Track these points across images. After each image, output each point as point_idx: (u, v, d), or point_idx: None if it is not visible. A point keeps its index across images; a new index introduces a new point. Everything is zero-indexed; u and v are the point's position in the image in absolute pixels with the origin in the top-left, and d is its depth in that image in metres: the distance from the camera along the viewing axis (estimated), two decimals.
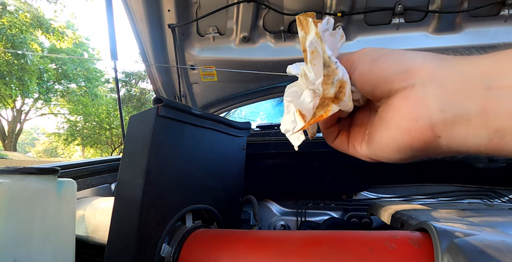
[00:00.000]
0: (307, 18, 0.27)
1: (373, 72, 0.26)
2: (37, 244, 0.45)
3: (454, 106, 0.22)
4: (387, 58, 0.26)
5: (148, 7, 1.14)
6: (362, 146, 0.32)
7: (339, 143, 0.35)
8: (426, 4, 1.04)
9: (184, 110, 0.61)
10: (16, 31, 10.82)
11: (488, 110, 0.20)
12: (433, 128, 0.23)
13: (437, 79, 0.23)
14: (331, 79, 0.27)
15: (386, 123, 0.26)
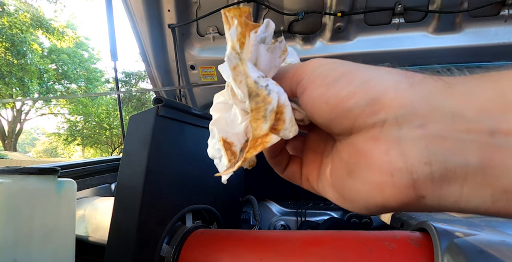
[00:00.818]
0: (233, 17, 0.21)
1: (328, 102, 0.19)
2: (37, 244, 0.45)
3: (443, 157, 0.16)
4: (348, 80, 0.19)
5: (148, 7, 1.14)
6: (318, 184, 0.25)
7: (290, 173, 0.27)
8: (426, 4, 1.04)
9: (184, 110, 0.61)
10: (16, 32, 10.82)
11: (493, 164, 0.15)
12: (415, 186, 0.17)
13: (416, 115, 0.16)
14: (261, 113, 0.20)
15: (349, 171, 0.20)
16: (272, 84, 0.21)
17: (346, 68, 0.20)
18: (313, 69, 0.21)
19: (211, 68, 1.30)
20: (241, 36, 0.21)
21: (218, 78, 1.33)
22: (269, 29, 0.22)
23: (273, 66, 0.23)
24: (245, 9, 0.22)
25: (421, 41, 1.11)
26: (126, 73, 15.00)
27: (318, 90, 0.20)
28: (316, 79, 0.20)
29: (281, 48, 0.23)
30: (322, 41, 1.18)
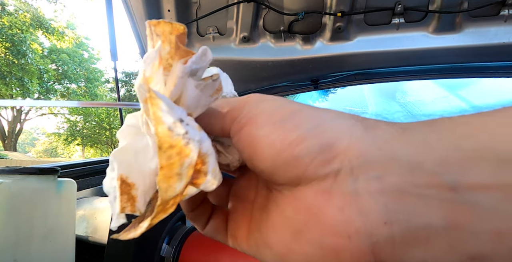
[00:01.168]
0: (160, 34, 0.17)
1: (275, 145, 0.16)
2: (37, 244, 0.45)
3: (404, 216, 0.13)
4: (298, 122, 0.16)
5: (148, 7, 1.14)
6: (249, 242, 0.20)
7: (213, 229, 0.23)
8: (426, 4, 1.04)
9: None
10: (16, 32, 10.82)
11: (458, 225, 0.13)
12: (375, 251, 0.14)
13: (372, 165, 0.14)
14: (176, 170, 0.15)
15: (296, 232, 0.16)
16: (194, 129, 0.16)
17: (295, 107, 0.17)
18: (255, 104, 0.18)
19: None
20: (165, 62, 0.17)
21: None
22: (204, 60, 0.18)
23: (201, 105, 0.19)
24: (178, 27, 0.18)
25: (421, 41, 1.11)
26: (126, 73, 15.01)
27: (262, 130, 0.17)
28: (259, 116, 0.17)
29: (215, 87, 0.19)
30: (322, 41, 1.18)
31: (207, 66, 0.19)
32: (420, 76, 1.32)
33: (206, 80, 0.19)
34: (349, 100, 2.68)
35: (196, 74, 0.18)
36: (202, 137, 0.17)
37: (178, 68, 0.17)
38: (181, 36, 0.18)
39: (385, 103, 2.64)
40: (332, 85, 1.42)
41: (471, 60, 1.13)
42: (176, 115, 0.16)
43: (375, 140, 0.15)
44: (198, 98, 0.19)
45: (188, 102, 0.18)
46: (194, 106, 0.19)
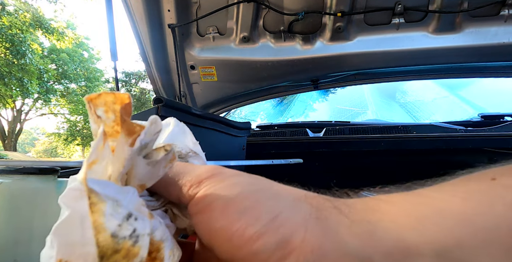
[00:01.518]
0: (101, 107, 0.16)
1: (232, 240, 0.16)
2: (37, 244, 0.45)
3: None
4: (254, 215, 0.16)
5: (148, 7, 1.14)
6: None
7: None
8: (426, 4, 1.04)
9: (184, 110, 0.61)
10: (16, 32, 10.82)
11: None
12: None
13: (327, 260, 0.15)
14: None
15: None
16: (144, 219, 0.16)
17: (252, 196, 0.17)
18: (213, 185, 0.18)
19: (211, 68, 1.30)
20: (111, 130, 0.17)
21: (218, 78, 1.33)
22: (154, 132, 0.17)
23: (154, 177, 0.19)
24: (122, 97, 0.16)
25: (421, 41, 1.11)
26: (126, 73, 15.00)
27: (219, 221, 0.17)
28: (216, 204, 0.17)
29: (168, 159, 0.19)
30: (322, 41, 1.18)
31: (157, 137, 0.18)
32: (420, 76, 1.32)
33: (158, 152, 0.18)
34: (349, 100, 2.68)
35: (146, 147, 0.18)
36: (154, 225, 0.16)
37: (125, 150, 0.16)
38: (126, 107, 0.17)
39: (385, 103, 2.63)
40: (332, 85, 1.42)
41: (471, 60, 1.13)
42: (122, 214, 0.15)
43: (328, 233, 0.16)
44: (151, 173, 0.18)
45: (140, 177, 0.18)
46: (146, 179, 0.18)
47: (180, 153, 0.25)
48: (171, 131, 0.28)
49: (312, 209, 0.17)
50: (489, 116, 1.22)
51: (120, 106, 0.17)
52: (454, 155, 1.01)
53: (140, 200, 0.17)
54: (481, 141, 0.97)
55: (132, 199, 0.16)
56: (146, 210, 0.17)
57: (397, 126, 1.11)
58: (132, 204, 0.16)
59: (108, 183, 0.15)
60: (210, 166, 0.20)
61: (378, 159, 1.06)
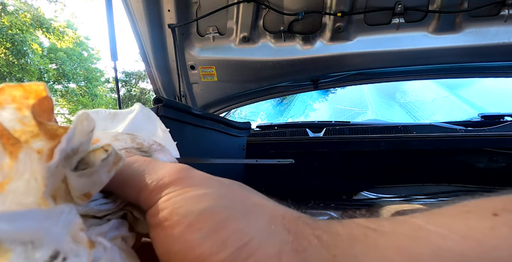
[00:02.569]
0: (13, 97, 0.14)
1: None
2: None
3: None
4: (220, 239, 0.14)
5: (148, 7, 1.14)
6: None
7: None
8: (426, 4, 1.04)
9: (184, 110, 0.61)
10: (16, 32, 10.83)
11: None
12: None
13: None
14: None
15: None
16: (77, 256, 0.13)
17: (220, 215, 0.15)
18: (177, 193, 0.15)
19: (211, 68, 1.29)
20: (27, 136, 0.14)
21: (218, 78, 1.33)
22: (83, 132, 0.14)
23: (98, 184, 0.15)
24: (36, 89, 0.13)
25: (421, 41, 1.10)
26: (126, 73, 15.00)
27: (176, 244, 0.14)
28: (176, 220, 0.14)
29: (110, 163, 0.15)
30: (322, 41, 1.18)
31: (90, 137, 0.14)
32: (420, 76, 1.32)
33: (96, 155, 0.14)
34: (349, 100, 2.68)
35: (77, 152, 0.14)
36: (95, 257, 0.13)
37: (41, 168, 0.13)
38: (43, 102, 0.13)
39: (385, 103, 2.64)
40: (332, 85, 1.42)
41: (471, 60, 1.13)
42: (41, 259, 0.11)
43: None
44: (90, 182, 0.15)
45: (79, 187, 0.14)
46: (87, 189, 0.15)
47: (141, 146, 0.21)
48: (134, 117, 0.23)
49: (289, 237, 0.15)
50: (489, 116, 1.22)
51: (34, 103, 0.13)
52: (454, 155, 1.01)
53: (77, 223, 0.13)
54: (481, 141, 0.97)
55: (65, 223, 0.13)
56: (84, 237, 0.13)
57: (397, 126, 1.11)
58: (63, 233, 0.12)
59: (24, 213, 0.12)
60: (176, 166, 0.17)
61: (378, 159, 1.06)
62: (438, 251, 0.13)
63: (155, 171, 0.17)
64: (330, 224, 0.16)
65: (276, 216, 0.16)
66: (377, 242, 0.14)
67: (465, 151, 0.99)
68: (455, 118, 1.68)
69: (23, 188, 0.13)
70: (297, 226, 0.15)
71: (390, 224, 0.15)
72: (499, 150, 0.95)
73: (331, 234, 0.15)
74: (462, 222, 0.14)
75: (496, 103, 2.12)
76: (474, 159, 0.99)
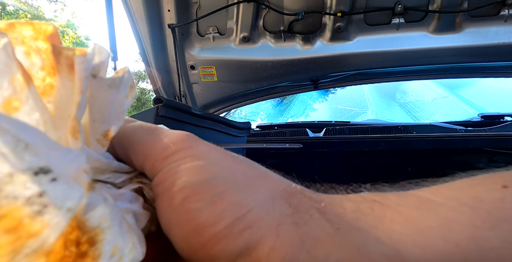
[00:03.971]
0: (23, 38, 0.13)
1: (189, 241, 0.14)
2: None
3: None
4: (218, 210, 0.14)
5: (148, 7, 1.14)
6: None
7: None
8: (426, 4, 1.04)
9: (184, 110, 0.61)
10: None
11: None
12: None
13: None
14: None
15: None
16: (68, 185, 0.10)
17: (221, 187, 0.14)
18: (178, 163, 0.15)
19: (211, 68, 1.29)
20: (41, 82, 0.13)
21: (218, 78, 1.33)
22: (102, 54, 0.14)
23: (118, 112, 0.14)
24: (45, 28, 0.13)
25: (421, 41, 1.11)
26: None
27: (175, 215, 0.14)
28: (176, 190, 0.14)
29: (128, 84, 0.14)
30: (322, 41, 1.18)
31: (107, 64, 0.14)
32: (420, 76, 1.32)
33: (114, 78, 0.14)
34: (349, 100, 2.68)
35: (99, 73, 0.14)
36: (90, 201, 0.11)
37: (78, 67, 0.12)
38: (53, 37, 0.13)
39: (385, 103, 2.63)
40: (332, 85, 1.42)
41: (471, 60, 1.13)
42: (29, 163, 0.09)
43: (305, 241, 0.13)
44: (114, 104, 0.14)
45: (102, 116, 0.14)
46: (111, 118, 0.14)
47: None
48: None
49: (290, 210, 0.14)
50: (489, 116, 1.22)
51: (45, 39, 0.12)
52: (454, 155, 1.01)
53: (83, 166, 0.11)
54: (481, 141, 0.97)
55: (69, 162, 0.11)
56: (85, 178, 0.11)
57: (397, 126, 1.11)
58: (63, 167, 0.10)
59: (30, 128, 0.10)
60: (181, 134, 0.16)
61: (378, 159, 1.06)
62: (447, 222, 0.13)
63: (160, 139, 0.16)
64: (334, 197, 0.15)
65: (277, 189, 0.15)
66: (384, 215, 0.14)
67: (465, 151, 0.99)
68: (455, 118, 1.68)
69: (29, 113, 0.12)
70: (299, 199, 0.15)
71: (397, 197, 0.15)
72: (499, 150, 0.95)
73: (334, 207, 0.14)
74: (471, 194, 0.14)
75: (496, 103, 2.12)
76: (474, 159, 0.99)
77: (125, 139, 0.16)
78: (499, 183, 0.14)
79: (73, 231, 0.11)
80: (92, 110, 0.13)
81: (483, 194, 0.14)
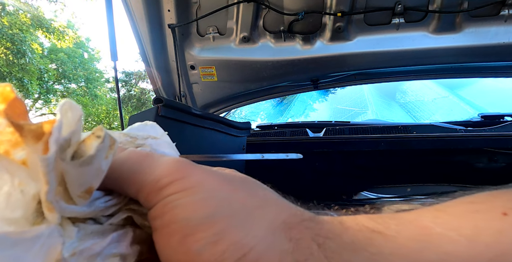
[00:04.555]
0: None
1: None
2: None
3: None
4: (218, 250, 0.14)
5: (148, 7, 1.14)
6: None
7: None
8: (426, 4, 1.04)
9: (184, 110, 0.61)
10: (16, 32, 10.83)
11: None
12: None
13: None
14: None
15: None
16: None
17: (221, 224, 0.14)
18: (175, 197, 0.15)
19: (211, 68, 1.29)
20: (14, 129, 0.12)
21: (218, 78, 1.33)
22: (71, 122, 0.13)
23: (98, 174, 0.14)
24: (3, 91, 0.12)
25: (421, 41, 1.10)
26: (126, 73, 15.00)
27: (175, 254, 0.14)
28: (175, 227, 0.14)
29: (105, 147, 0.14)
30: (322, 41, 1.18)
31: (80, 126, 0.14)
32: (420, 76, 1.32)
33: (90, 143, 0.13)
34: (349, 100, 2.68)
35: (70, 144, 0.13)
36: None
37: (39, 161, 0.12)
38: (14, 105, 0.12)
39: (385, 103, 2.64)
40: (332, 85, 1.42)
41: (471, 60, 1.13)
42: None
43: None
44: (91, 172, 0.14)
45: (80, 182, 0.14)
46: (89, 181, 0.14)
47: (134, 139, 0.19)
48: (130, 127, 0.22)
49: (290, 246, 0.14)
50: (489, 116, 1.22)
51: (5, 107, 0.12)
52: (454, 155, 1.01)
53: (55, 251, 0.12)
54: (481, 141, 0.97)
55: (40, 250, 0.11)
56: None
57: (397, 126, 1.11)
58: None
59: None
60: (174, 163, 0.16)
61: (378, 159, 1.06)
62: (446, 257, 0.13)
63: (153, 169, 0.16)
64: (333, 227, 0.15)
65: (277, 220, 0.15)
66: (383, 247, 0.13)
67: (465, 151, 0.99)
68: (455, 118, 1.68)
69: (2, 203, 0.12)
70: (299, 232, 0.15)
71: (396, 226, 0.14)
72: (499, 150, 0.95)
73: (334, 241, 0.14)
74: (470, 223, 0.14)
75: (496, 103, 2.12)
76: (474, 159, 0.99)
77: (114, 172, 0.16)
78: (499, 209, 0.14)
79: None
80: (68, 180, 0.13)
81: (482, 223, 0.14)
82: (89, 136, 0.14)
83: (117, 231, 0.16)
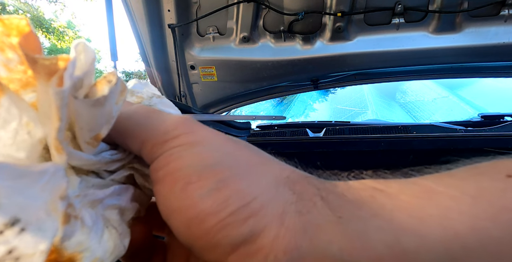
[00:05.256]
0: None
1: (191, 228, 0.14)
2: None
3: None
4: (222, 197, 0.14)
5: (148, 7, 1.14)
6: None
7: None
8: (426, 4, 1.04)
9: (184, 110, 0.61)
10: None
11: None
12: None
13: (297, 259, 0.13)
14: None
15: None
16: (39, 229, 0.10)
17: (225, 173, 0.14)
18: (180, 149, 0.14)
19: (211, 68, 1.29)
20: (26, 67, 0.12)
21: (218, 78, 1.33)
22: (87, 61, 0.13)
23: (108, 119, 0.14)
24: (17, 24, 0.11)
25: (421, 41, 1.10)
26: (126, 73, 15.01)
27: (177, 201, 0.14)
28: (178, 175, 0.14)
29: (117, 91, 0.14)
30: (322, 41, 1.18)
31: (93, 68, 0.13)
32: (420, 76, 1.32)
33: (101, 86, 0.13)
34: (349, 100, 2.68)
35: (82, 85, 0.13)
36: (66, 234, 0.11)
37: (53, 95, 0.11)
38: (29, 38, 0.11)
39: (385, 103, 2.64)
40: (332, 85, 1.42)
41: (471, 60, 1.13)
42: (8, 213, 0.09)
43: (308, 229, 0.13)
44: (102, 116, 0.13)
45: (90, 126, 0.13)
46: (99, 125, 0.14)
47: (141, 98, 0.19)
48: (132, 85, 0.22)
49: (294, 197, 0.14)
50: (489, 116, 1.22)
51: (19, 40, 0.11)
52: (454, 155, 1.00)
53: (60, 188, 0.11)
54: (481, 141, 0.97)
55: (45, 186, 0.11)
56: (60, 208, 0.11)
57: (397, 126, 1.11)
58: (35, 198, 0.10)
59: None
60: (180, 118, 0.16)
61: (378, 159, 1.06)
62: (447, 212, 0.13)
63: (159, 122, 0.16)
64: (336, 185, 0.15)
65: (281, 176, 0.15)
66: (385, 204, 0.14)
67: (465, 151, 0.98)
68: (455, 118, 1.68)
69: (9, 139, 0.12)
70: (303, 186, 0.15)
71: (399, 185, 0.15)
72: (499, 150, 0.95)
73: (337, 195, 0.14)
74: (473, 183, 0.14)
75: (496, 103, 2.12)
76: (474, 159, 0.99)
77: (120, 124, 0.16)
78: (503, 172, 0.14)
79: (52, 254, 0.11)
80: (78, 122, 0.13)
81: (485, 183, 0.14)
82: (100, 80, 0.13)
83: (119, 186, 0.16)
